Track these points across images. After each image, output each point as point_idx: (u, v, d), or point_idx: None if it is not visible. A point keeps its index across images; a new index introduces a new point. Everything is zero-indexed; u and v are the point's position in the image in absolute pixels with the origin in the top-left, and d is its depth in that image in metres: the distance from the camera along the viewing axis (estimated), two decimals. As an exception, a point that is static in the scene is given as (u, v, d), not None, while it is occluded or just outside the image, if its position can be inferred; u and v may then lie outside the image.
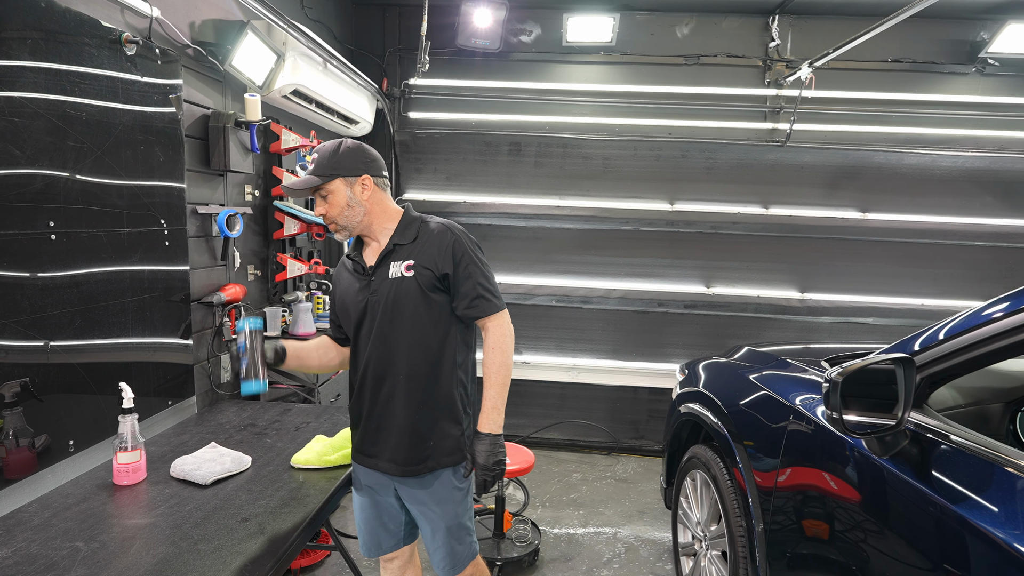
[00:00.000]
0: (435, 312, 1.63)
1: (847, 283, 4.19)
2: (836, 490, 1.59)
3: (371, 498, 1.77)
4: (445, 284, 1.63)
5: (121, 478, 1.74)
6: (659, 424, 4.36)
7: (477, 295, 1.63)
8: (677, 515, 2.69)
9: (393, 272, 1.63)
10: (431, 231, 1.65)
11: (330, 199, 1.63)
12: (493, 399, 1.65)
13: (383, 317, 1.64)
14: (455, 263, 1.62)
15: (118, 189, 1.96)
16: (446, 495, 1.68)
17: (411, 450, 1.65)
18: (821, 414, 1.70)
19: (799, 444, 1.75)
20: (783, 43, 4.04)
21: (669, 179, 4.17)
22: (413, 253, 1.63)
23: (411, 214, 1.71)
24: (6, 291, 1.58)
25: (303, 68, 2.87)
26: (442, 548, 1.72)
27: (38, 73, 1.65)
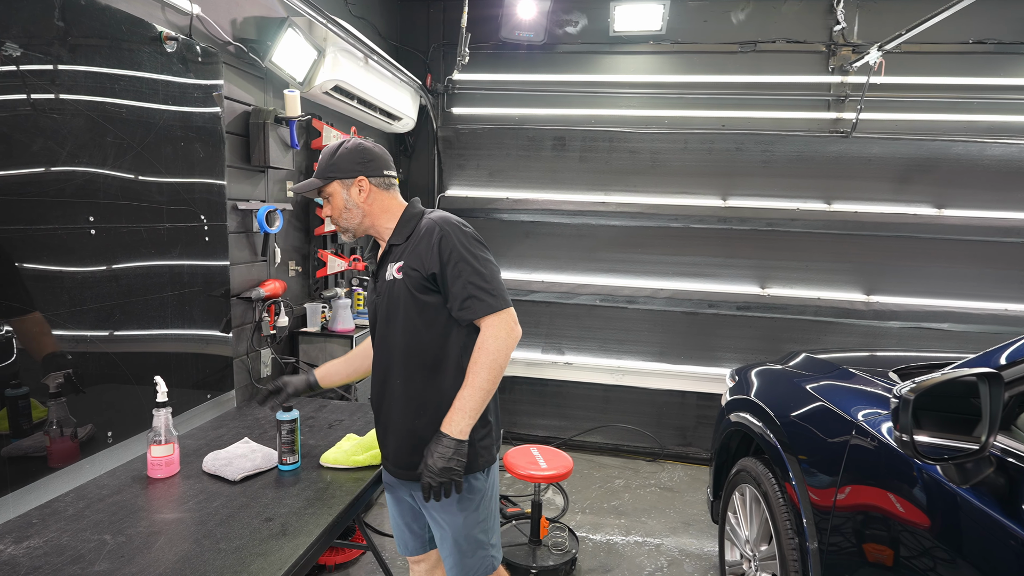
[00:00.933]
0: (428, 315, 1.53)
1: (919, 285, 3.86)
2: (904, 514, 1.41)
3: (395, 497, 1.76)
4: (436, 284, 1.52)
5: (155, 471, 1.76)
6: (708, 431, 4.16)
7: (468, 295, 1.47)
8: (724, 531, 2.53)
9: (388, 275, 1.57)
10: (422, 228, 1.54)
11: (331, 202, 1.61)
12: (464, 399, 1.47)
13: (381, 321, 1.61)
14: (442, 263, 1.49)
15: (158, 185, 1.98)
16: (450, 503, 1.59)
17: (411, 455, 1.58)
18: (887, 431, 1.53)
19: (862, 462, 1.58)
20: (849, 26, 3.75)
21: (722, 173, 3.96)
22: (404, 253, 1.55)
23: (412, 211, 1.62)
24: (47, 284, 1.61)
25: (344, 64, 2.86)
26: (450, 557, 1.64)
27: (77, 69, 1.67)
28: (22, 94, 1.51)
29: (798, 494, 1.85)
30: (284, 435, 1.80)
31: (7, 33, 1.47)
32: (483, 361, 1.47)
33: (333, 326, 2.95)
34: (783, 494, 1.99)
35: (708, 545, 3.05)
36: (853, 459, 1.59)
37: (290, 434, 1.81)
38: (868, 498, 1.53)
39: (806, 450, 1.87)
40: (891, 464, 1.47)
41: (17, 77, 1.50)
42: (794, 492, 1.88)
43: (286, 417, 1.78)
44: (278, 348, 2.79)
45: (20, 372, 1.55)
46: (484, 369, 1.47)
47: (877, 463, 1.52)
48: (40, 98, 1.56)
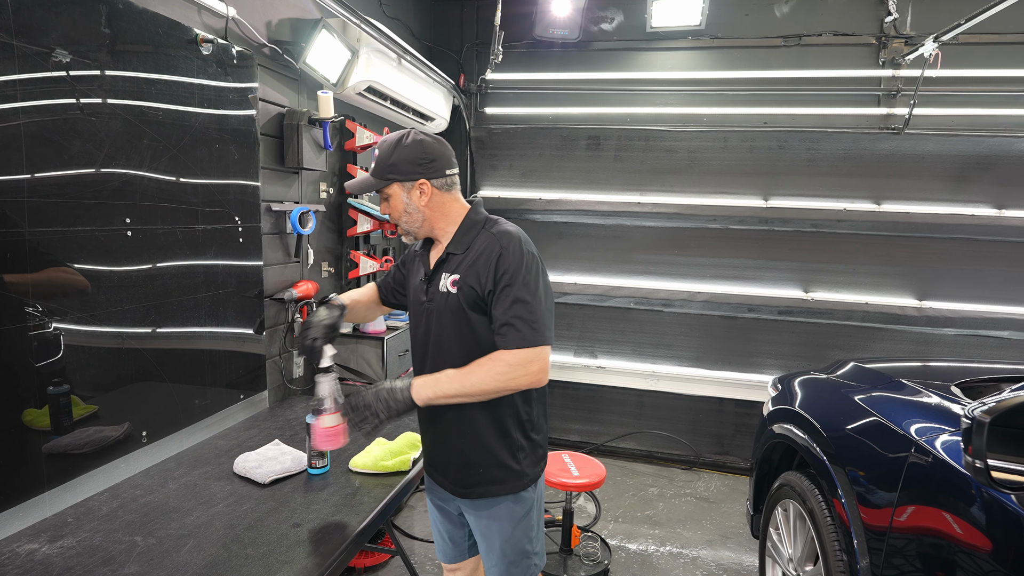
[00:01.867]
0: (481, 333, 1.45)
1: (976, 290, 3.64)
2: (972, 541, 1.30)
3: (437, 507, 1.72)
4: (488, 304, 1.43)
5: (326, 442, 1.55)
6: (746, 440, 4.01)
7: (506, 322, 1.36)
8: (765, 547, 2.41)
9: (442, 285, 1.48)
10: (483, 241, 1.45)
11: (390, 203, 1.51)
12: (446, 381, 1.40)
13: (431, 331, 1.52)
14: (496, 280, 1.39)
15: (193, 187, 1.99)
16: (501, 513, 1.56)
17: (460, 473, 1.55)
18: (952, 453, 1.41)
19: (924, 483, 1.46)
20: (902, 17, 3.56)
21: (763, 172, 3.81)
22: (462, 266, 1.46)
23: (475, 217, 1.52)
24: (84, 285, 1.62)
25: (377, 64, 2.85)
26: (496, 567, 1.61)
27: (115, 72, 1.69)
28: (70, 98, 1.53)
29: (848, 513, 1.73)
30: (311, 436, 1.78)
31: (55, 39, 1.48)
32: (478, 374, 1.38)
33: (364, 328, 2.94)
34: (831, 512, 1.88)
35: (747, 559, 2.93)
36: (913, 479, 1.48)
37: None
38: (931, 522, 1.42)
39: (858, 467, 1.76)
40: (958, 487, 1.35)
41: (65, 82, 1.52)
42: (843, 510, 1.76)
43: (313, 420, 1.76)
44: (310, 349, 2.79)
45: (66, 369, 1.57)
46: (474, 378, 1.38)
47: (942, 485, 1.41)
48: (84, 102, 1.58)
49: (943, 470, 1.39)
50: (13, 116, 1.42)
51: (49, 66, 1.49)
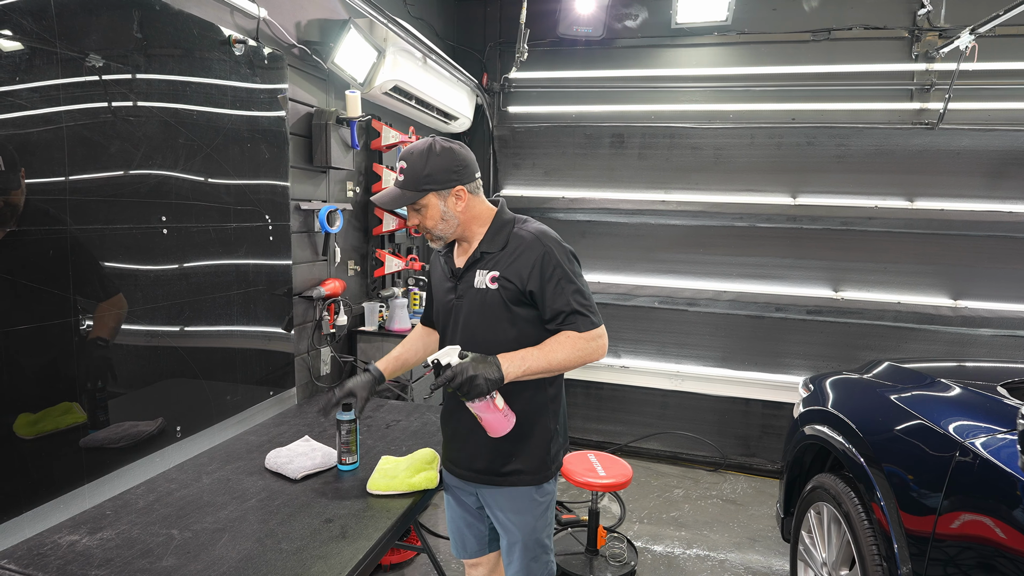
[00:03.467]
0: (519, 326, 1.52)
1: (1014, 290, 3.53)
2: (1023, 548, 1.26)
3: (456, 499, 1.73)
4: (531, 299, 1.50)
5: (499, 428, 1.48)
6: (773, 441, 3.95)
7: (573, 310, 1.48)
8: (797, 551, 2.36)
9: (478, 281, 1.52)
10: (521, 241, 1.52)
11: (424, 212, 1.51)
12: (532, 358, 1.44)
13: (465, 326, 1.55)
14: (543, 280, 1.48)
15: (226, 186, 2.02)
16: (525, 506, 1.59)
17: (492, 461, 1.57)
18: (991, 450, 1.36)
19: (970, 486, 1.42)
20: (935, 9, 3.47)
21: (791, 169, 3.74)
22: (500, 263, 1.51)
23: (503, 217, 1.58)
24: (123, 282, 1.66)
25: (403, 64, 2.86)
26: (517, 562, 1.63)
27: (151, 73, 1.72)
28: (109, 101, 1.56)
29: (888, 517, 1.69)
30: (343, 435, 1.79)
31: (95, 42, 1.51)
32: (565, 351, 1.47)
33: (390, 325, 2.95)
34: (868, 516, 1.83)
35: (776, 563, 2.87)
36: (959, 482, 1.43)
37: (349, 434, 1.80)
38: (978, 527, 1.37)
39: (898, 469, 1.71)
40: (1009, 491, 1.31)
41: (104, 85, 1.54)
42: (883, 515, 1.72)
43: (346, 417, 1.77)
44: (337, 347, 2.81)
45: (103, 366, 1.60)
46: (561, 354, 1.46)
47: (992, 489, 1.36)
48: (122, 105, 1.61)
49: (993, 473, 1.34)
50: (56, 119, 1.45)
51: (88, 69, 1.52)
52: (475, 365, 1.37)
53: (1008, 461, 1.31)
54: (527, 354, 1.45)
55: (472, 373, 1.36)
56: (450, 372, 1.36)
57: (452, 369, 1.36)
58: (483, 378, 1.36)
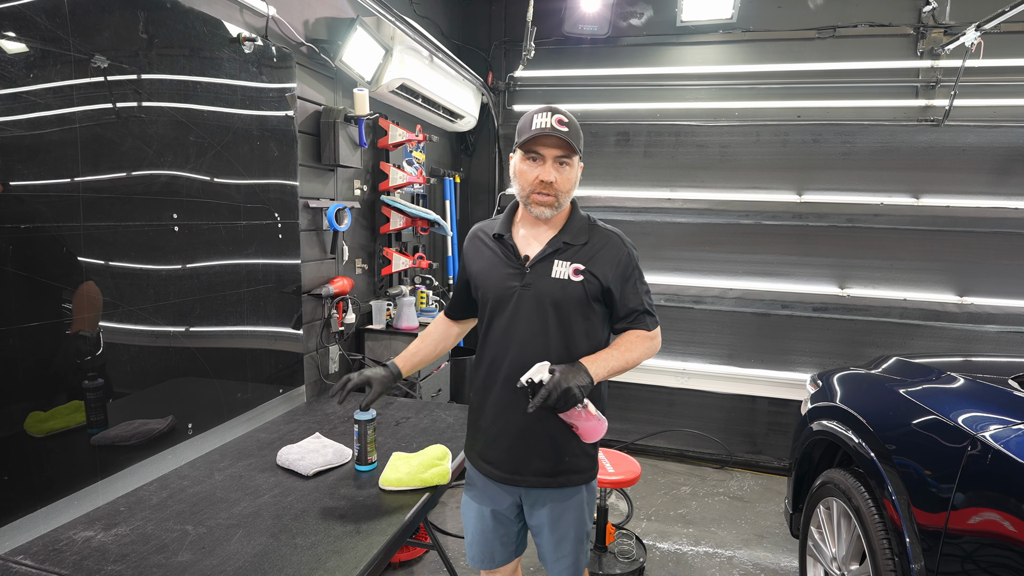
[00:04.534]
0: (591, 322, 1.51)
1: (1020, 286, 3.53)
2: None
3: (489, 507, 1.62)
4: (606, 297, 1.51)
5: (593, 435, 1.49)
6: (779, 439, 3.94)
7: (644, 310, 1.54)
8: (806, 546, 2.36)
9: (558, 272, 1.48)
10: (604, 238, 1.53)
11: (567, 173, 1.46)
12: (610, 358, 1.47)
13: (533, 317, 1.48)
14: (623, 279, 1.51)
15: (236, 184, 2.03)
16: (576, 503, 1.57)
17: (545, 462, 1.52)
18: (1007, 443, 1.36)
19: (985, 480, 1.42)
20: (940, 6, 3.47)
21: (797, 167, 3.74)
22: (583, 257, 1.49)
23: (579, 213, 1.58)
24: (135, 280, 1.66)
25: (409, 62, 2.87)
26: (569, 556, 1.59)
27: (161, 71, 1.72)
28: (121, 100, 1.57)
29: (899, 512, 1.69)
30: (368, 434, 1.79)
31: (107, 41, 1.52)
32: (639, 349, 1.53)
33: (398, 324, 2.96)
34: (879, 511, 1.83)
35: (784, 560, 2.87)
36: (972, 477, 1.43)
37: (373, 433, 1.81)
38: (994, 522, 1.37)
39: (910, 464, 1.71)
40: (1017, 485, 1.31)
41: (117, 83, 1.55)
42: (894, 509, 1.72)
43: (365, 417, 1.77)
44: (345, 345, 2.82)
45: (106, 364, 1.60)
46: (635, 353, 1.52)
47: (1006, 483, 1.36)
48: (134, 104, 1.61)
49: (1007, 465, 1.34)
50: (70, 118, 1.45)
51: (100, 68, 1.52)
52: (566, 377, 1.35)
53: (1022, 452, 1.31)
54: (608, 355, 1.47)
55: (566, 386, 1.34)
56: (544, 391, 1.33)
57: (545, 387, 1.34)
58: (576, 387, 1.35)
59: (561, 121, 1.43)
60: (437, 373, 3.16)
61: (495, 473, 1.57)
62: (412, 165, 3.19)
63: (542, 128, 1.41)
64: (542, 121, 1.43)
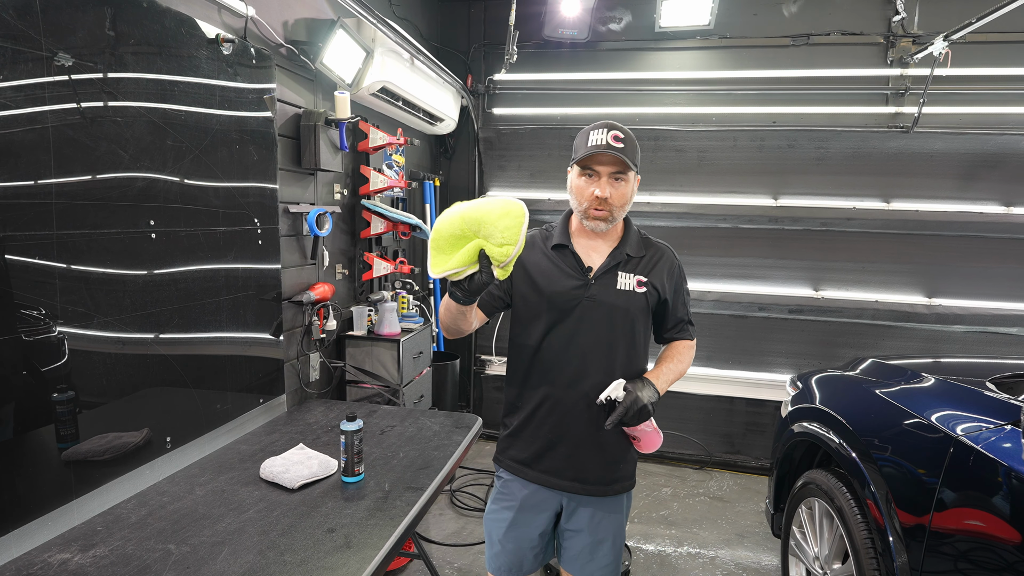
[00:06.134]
0: (644, 330, 1.57)
1: (985, 287, 3.66)
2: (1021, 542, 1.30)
3: (527, 517, 1.60)
4: (661, 307, 1.59)
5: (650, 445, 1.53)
6: (756, 438, 4.01)
7: (688, 320, 1.65)
8: (788, 546, 2.41)
9: (623, 283, 1.51)
10: (658, 250, 1.60)
11: (622, 188, 1.47)
12: (668, 373, 1.56)
13: (600, 327, 1.50)
14: (675, 290, 1.59)
15: (215, 189, 1.97)
16: (618, 508, 1.62)
17: (602, 471, 1.55)
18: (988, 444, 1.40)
19: (968, 482, 1.46)
20: (909, 16, 3.58)
21: (773, 171, 3.81)
22: (644, 269, 1.54)
23: (633, 225, 1.62)
24: (111, 289, 1.60)
25: (390, 65, 2.83)
26: (607, 556, 1.60)
27: (138, 71, 1.66)
28: (97, 101, 1.50)
29: (882, 512, 1.73)
30: (356, 444, 1.76)
31: (82, 39, 1.46)
32: (687, 359, 1.63)
33: (380, 330, 2.91)
34: (862, 510, 1.87)
35: (766, 559, 2.92)
36: (954, 477, 1.47)
37: (361, 443, 1.77)
38: (975, 521, 1.41)
39: (892, 465, 1.75)
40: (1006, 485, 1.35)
41: (91, 84, 1.49)
42: (877, 510, 1.76)
43: (352, 427, 1.73)
44: (326, 352, 2.76)
45: (72, 374, 1.51)
46: (685, 363, 1.61)
47: (988, 483, 1.40)
48: (110, 104, 1.55)
49: (988, 467, 1.38)
50: (42, 119, 1.39)
51: (74, 68, 1.46)
52: (642, 393, 1.42)
53: (1002, 453, 1.35)
54: (667, 369, 1.55)
55: (642, 404, 1.40)
56: (622, 409, 1.39)
57: (623, 405, 1.40)
58: (650, 403, 1.42)
59: (617, 137, 1.45)
60: (419, 380, 3.13)
61: (546, 479, 1.56)
62: (392, 168, 3.15)
63: (597, 145, 1.44)
64: (598, 138, 1.45)
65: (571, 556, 1.61)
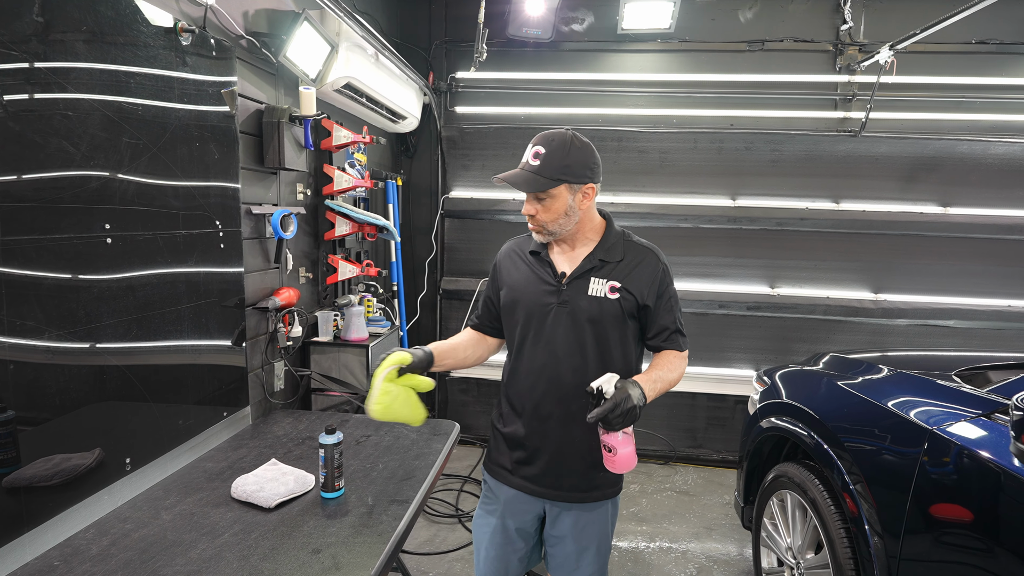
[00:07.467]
0: (627, 337, 1.52)
1: (926, 283, 3.89)
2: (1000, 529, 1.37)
3: (511, 522, 1.61)
4: (641, 313, 1.52)
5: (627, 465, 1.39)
6: (717, 432, 4.12)
7: (676, 329, 1.55)
8: (760, 537, 2.47)
9: (594, 290, 1.48)
10: (640, 253, 1.53)
11: (547, 203, 1.43)
12: (657, 381, 1.45)
13: (570, 334, 1.49)
14: (659, 295, 1.51)
15: (174, 189, 1.84)
16: (601, 516, 1.59)
17: (582, 478, 1.53)
18: (963, 435, 1.48)
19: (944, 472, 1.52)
20: (856, 26, 3.76)
21: (731, 173, 3.92)
22: (618, 274, 1.49)
23: (614, 228, 1.57)
24: (62, 299, 1.46)
25: (355, 60, 2.73)
26: (591, 564, 1.59)
27: (92, 63, 1.52)
28: (45, 92, 1.36)
29: (858, 503, 1.79)
30: (336, 458, 1.67)
31: (27, 25, 1.32)
32: (678, 370, 1.53)
33: (346, 335, 2.81)
34: (835, 502, 1.94)
35: (734, 550, 3.00)
36: (930, 468, 1.53)
37: (341, 457, 1.69)
38: (951, 511, 1.48)
39: (867, 457, 1.82)
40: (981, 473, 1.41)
41: (39, 74, 1.35)
42: (852, 501, 1.82)
43: (331, 440, 1.65)
44: (290, 359, 2.64)
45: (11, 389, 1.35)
46: (675, 374, 1.51)
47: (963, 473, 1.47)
48: (60, 96, 1.41)
49: (965, 457, 1.45)
50: (-17, 110, 1.25)
51: (19, 55, 1.32)
52: (633, 393, 1.31)
53: (977, 445, 1.42)
54: (657, 376, 1.45)
55: (633, 403, 1.30)
56: (610, 403, 1.28)
57: (612, 399, 1.28)
58: (638, 407, 1.32)
59: (537, 154, 1.43)
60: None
61: (527, 486, 1.56)
62: (355, 168, 3.04)
63: (514, 171, 1.45)
64: (523, 157, 1.46)
65: (557, 563, 1.63)
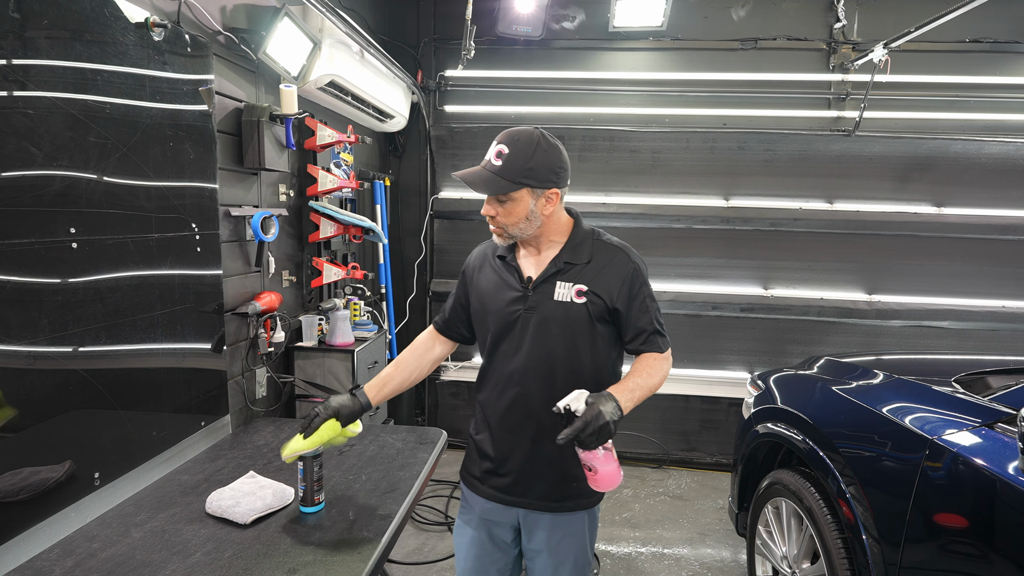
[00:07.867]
0: (597, 343, 1.44)
1: (920, 284, 3.86)
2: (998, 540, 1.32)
3: (486, 532, 1.58)
4: (613, 317, 1.44)
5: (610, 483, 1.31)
6: (711, 435, 4.08)
7: (654, 330, 1.45)
8: (755, 545, 2.42)
9: (560, 294, 1.42)
10: (609, 253, 1.45)
11: (508, 207, 1.38)
12: (635, 389, 1.35)
13: (537, 341, 1.44)
14: (631, 297, 1.42)
15: (146, 190, 1.76)
16: (578, 528, 1.52)
17: (553, 488, 1.48)
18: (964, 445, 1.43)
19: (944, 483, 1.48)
20: (849, 24, 3.72)
21: (724, 173, 3.88)
22: (585, 277, 1.43)
23: (582, 228, 1.50)
24: (23, 308, 1.38)
25: (339, 57, 2.66)
26: None
27: (54, 60, 1.45)
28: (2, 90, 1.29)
29: (855, 513, 1.74)
30: (316, 471, 1.59)
31: (-28, 13, 1.24)
32: (659, 374, 1.43)
33: (332, 340, 2.74)
34: (832, 510, 1.89)
35: (728, 556, 2.95)
36: (930, 478, 1.49)
37: (321, 470, 1.62)
38: (952, 522, 1.43)
39: (864, 465, 1.77)
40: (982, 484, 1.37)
41: (-16, 66, 1.27)
42: (849, 510, 1.77)
43: (311, 452, 1.57)
44: (273, 366, 2.57)
45: None
46: (656, 379, 1.42)
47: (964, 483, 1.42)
48: (19, 94, 1.33)
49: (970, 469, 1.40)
50: (-68, 107, 1.17)
51: (-25, 48, 1.25)
52: (604, 407, 1.22)
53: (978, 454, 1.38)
54: (634, 384, 1.36)
55: (605, 420, 1.20)
56: (580, 422, 1.20)
57: (582, 418, 1.20)
58: (612, 422, 1.22)
59: (500, 153, 1.37)
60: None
61: (497, 496, 1.53)
62: (341, 168, 2.97)
63: (474, 169, 1.39)
64: (486, 155, 1.40)
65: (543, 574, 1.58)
